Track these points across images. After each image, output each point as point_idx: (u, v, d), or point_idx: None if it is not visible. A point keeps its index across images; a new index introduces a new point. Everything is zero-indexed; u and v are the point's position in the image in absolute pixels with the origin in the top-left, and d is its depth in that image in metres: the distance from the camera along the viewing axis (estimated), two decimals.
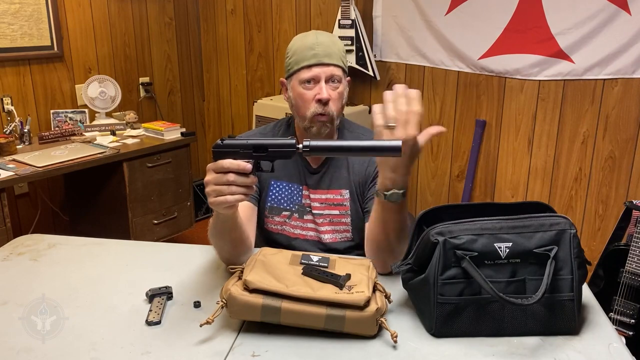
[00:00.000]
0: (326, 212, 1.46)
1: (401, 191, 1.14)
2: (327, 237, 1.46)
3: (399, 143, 1.01)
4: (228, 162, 1.03)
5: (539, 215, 1.04)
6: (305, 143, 1.04)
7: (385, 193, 1.14)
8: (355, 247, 1.46)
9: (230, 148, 1.05)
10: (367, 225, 1.32)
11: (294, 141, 1.05)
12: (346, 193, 1.45)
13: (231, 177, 1.03)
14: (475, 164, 2.90)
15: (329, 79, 1.38)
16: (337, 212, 1.45)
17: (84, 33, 3.15)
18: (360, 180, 1.45)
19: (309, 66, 1.38)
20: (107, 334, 1.04)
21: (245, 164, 1.03)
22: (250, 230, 1.35)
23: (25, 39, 2.84)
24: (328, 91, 1.37)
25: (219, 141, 1.06)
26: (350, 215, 1.45)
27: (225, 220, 1.16)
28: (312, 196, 1.46)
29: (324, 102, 1.36)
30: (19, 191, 2.92)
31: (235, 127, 3.86)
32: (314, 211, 1.46)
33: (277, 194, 1.48)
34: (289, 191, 1.47)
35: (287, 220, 1.48)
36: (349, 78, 1.46)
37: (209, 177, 1.05)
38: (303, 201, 1.47)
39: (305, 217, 1.47)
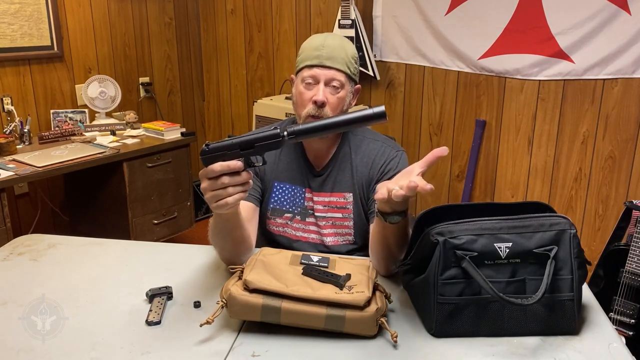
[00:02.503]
0: (329, 215, 1.45)
1: (401, 216, 1.11)
2: (329, 240, 1.46)
3: (382, 108, 1.01)
4: (218, 166, 1.02)
5: (539, 215, 1.04)
6: (290, 129, 1.04)
7: (386, 217, 1.11)
8: (357, 250, 1.46)
9: (217, 152, 1.04)
10: (371, 226, 1.31)
11: (277, 131, 1.05)
12: (349, 196, 1.44)
13: (225, 179, 1.02)
14: (475, 164, 2.90)
15: (329, 82, 1.38)
16: (340, 215, 1.45)
17: (84, 33, 3.15)
18: (364, 182, 1.44)
19: (310, 66, 1.38)
20: (107, 334, 1.04)
21: (236, 163, 1.03)
22: (251, 230, 1.35)
23: (25, 39, 2.84)
24: (325, 94, 1.37)
25: (204, 147, 1.04)
26: (353, 218, 1.44)
27: (227, 219, 1.16)
28: (315, 199, 1.46)
29: (319, 105, 1.36)
30: (19, 191, 2.92)
31: (235, 127, 3.86)
32: (316, 214, 1.45)
33: (279, 196, 1.47)
34: (292, 193, 1.47)
35: (289, 222, 1.47)
36: (358, 86, 1.45)
37: (204, 184, 1.04)
38: (305, 204, 1.46)
39: (307, 220, 1.47)
